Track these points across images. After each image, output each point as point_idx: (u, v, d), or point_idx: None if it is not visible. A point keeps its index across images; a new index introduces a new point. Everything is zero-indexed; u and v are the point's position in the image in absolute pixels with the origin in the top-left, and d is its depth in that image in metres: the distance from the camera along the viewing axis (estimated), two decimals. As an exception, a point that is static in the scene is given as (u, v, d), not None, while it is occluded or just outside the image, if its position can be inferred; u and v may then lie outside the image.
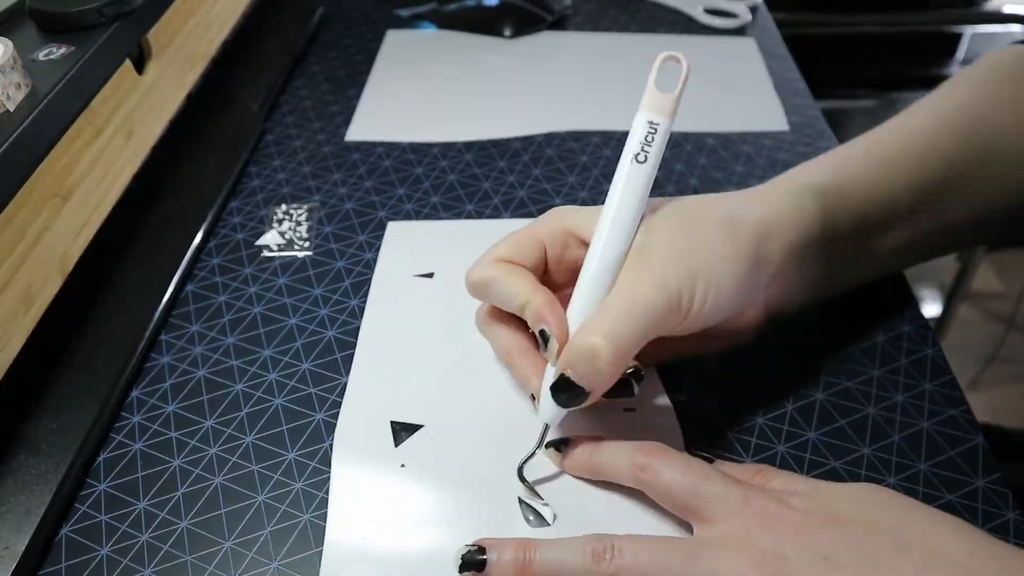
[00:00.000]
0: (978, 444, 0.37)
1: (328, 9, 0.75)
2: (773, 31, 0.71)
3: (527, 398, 0.38)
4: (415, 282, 0.46)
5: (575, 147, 0.56)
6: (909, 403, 0.39)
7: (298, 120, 0.61)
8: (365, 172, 0.55)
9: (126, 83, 0.46)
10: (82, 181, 0.42)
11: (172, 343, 0.43)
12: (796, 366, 0.40)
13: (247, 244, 0.50)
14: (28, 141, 0.37)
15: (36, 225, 0.38)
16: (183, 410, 0.40)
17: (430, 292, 0.45)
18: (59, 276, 0.40)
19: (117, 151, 0.45)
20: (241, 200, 0.53)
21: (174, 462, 0.38)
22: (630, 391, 0.34)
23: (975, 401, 0.39)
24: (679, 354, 0.39)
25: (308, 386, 0.41)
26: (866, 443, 0.37)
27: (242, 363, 0.42)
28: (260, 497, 0.36)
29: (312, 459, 0.37)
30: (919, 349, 0.41)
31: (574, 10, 0.74)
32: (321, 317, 0.44)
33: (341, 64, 0.68)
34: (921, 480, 0.35)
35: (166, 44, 0.51)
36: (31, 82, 0.39)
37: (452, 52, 0.69)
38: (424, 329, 0.43)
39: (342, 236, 0.50)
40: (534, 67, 0.66)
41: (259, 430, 0.39)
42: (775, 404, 0.39)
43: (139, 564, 0.34)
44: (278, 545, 0.34)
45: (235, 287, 0.47)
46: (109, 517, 0.35)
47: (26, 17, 0.44)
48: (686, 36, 0.70)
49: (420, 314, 0.44)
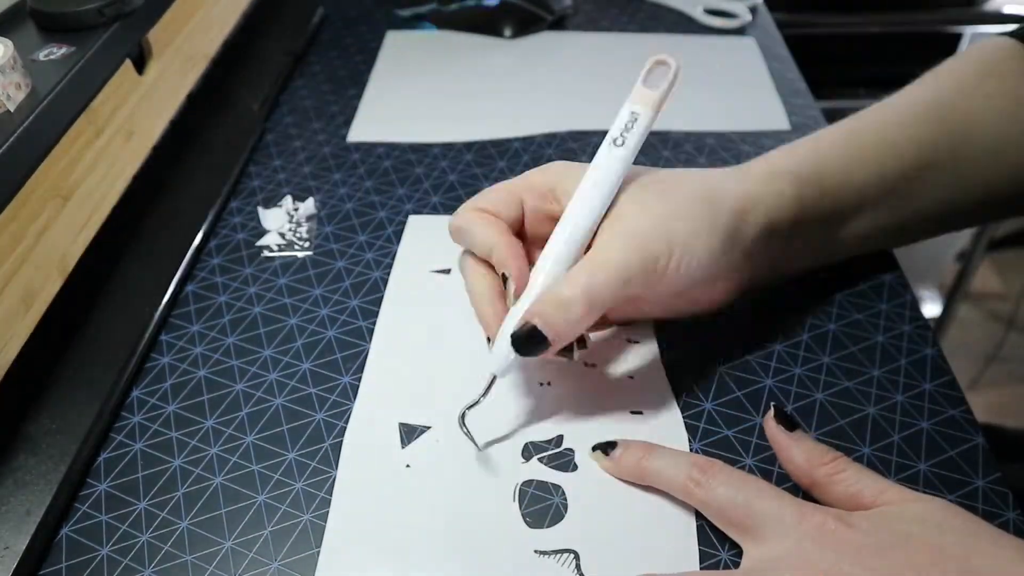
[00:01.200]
0: (978, 444, 0.37)
1: (328, 9, 0.75)
2: (773, 31, 0.71)
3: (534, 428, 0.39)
4: (432, 278, 0.46)
5: (575, 147, 0.56)
6: (909, 403, 0.39)
7: (298, 120, 0.61)
8: (365, 172, 0.55)
9: (126, 83, 0.46)
10: (82, 181, 0.42)
11: (172, 343, 0.43)
12: (796, 366, 0.40)
13: (247, 244, 0.50)
14: (28, 141, 0.37)
15: (36, 225, 0.38)
16: (183, 410, 0.40)
17: (446, 289, 0.45)
18: (59, 276, 0.40)
19: (117, 151, 0.45)
20: (241, 200, 0.53)
21: (174, 462, 0.38)
22: (571, 352, 0.36)
23: (975, 401, 0.39)
24: (646, 315, 0.41)
25: (308, 386, 0.41)
26: (866, 443, 0.37)
27: (242, 363, 0.42)
28: (260, 497, 0.36)
29: (312, 459, 0.37)
30: (919, 349, 0.41)
31: (574, 10, 0.74)
32: (321, 317, 0.44)
33: (341, 64, 0.68)
34: (921, 480, 0.35)
35: (166, 44, 0.51)
36: (31, 82, 0.39)
37: (452, 52, 0.69)
38: (437, 328, 0.43)
39: (342, 236, 0.50)
40: (534, 67, 0.66)
41: (259, 430, 0.39)
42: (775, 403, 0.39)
43: (139, 564, 0.34)
44: (278, 545, 0.34)
45: (235, 287, 0.47)
46: (109, 517, 0.35)
47: (26, 17, 0.45)
48: (686, 36, 0.70)
49: (435, 313, 0.44)
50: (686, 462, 0.33)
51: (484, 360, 0.36)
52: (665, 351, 0.41)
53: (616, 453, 0.35)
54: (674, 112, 0.61)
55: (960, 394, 0.39)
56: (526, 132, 0.58)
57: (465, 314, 0.43)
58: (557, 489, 0.35)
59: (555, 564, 0.33)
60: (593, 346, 0.41)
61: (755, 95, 0.62)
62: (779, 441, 0.34)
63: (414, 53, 0.69)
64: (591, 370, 0.40)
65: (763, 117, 0.59)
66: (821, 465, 0.32)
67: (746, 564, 0.31)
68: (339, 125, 0.60)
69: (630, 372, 0.40)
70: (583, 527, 0.34)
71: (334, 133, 0.59)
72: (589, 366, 0.40)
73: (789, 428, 0.34)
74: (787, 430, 0.34)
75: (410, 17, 0.74)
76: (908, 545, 0.28)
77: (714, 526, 0.33)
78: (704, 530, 0.34)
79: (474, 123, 0.59)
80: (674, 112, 0.61)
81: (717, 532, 0.33)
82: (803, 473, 0.33)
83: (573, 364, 0.39)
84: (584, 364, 0.40)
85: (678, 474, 0.33)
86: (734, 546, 0.33)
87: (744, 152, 0.55)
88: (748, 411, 0.38)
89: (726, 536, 0.33)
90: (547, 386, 0.39)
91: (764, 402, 0.39)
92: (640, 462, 0.34)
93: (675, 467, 0.33)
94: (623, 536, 0.33)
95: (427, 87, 0.64)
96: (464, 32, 0.71)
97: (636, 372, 0.40)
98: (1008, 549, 0.28)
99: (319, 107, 0.62)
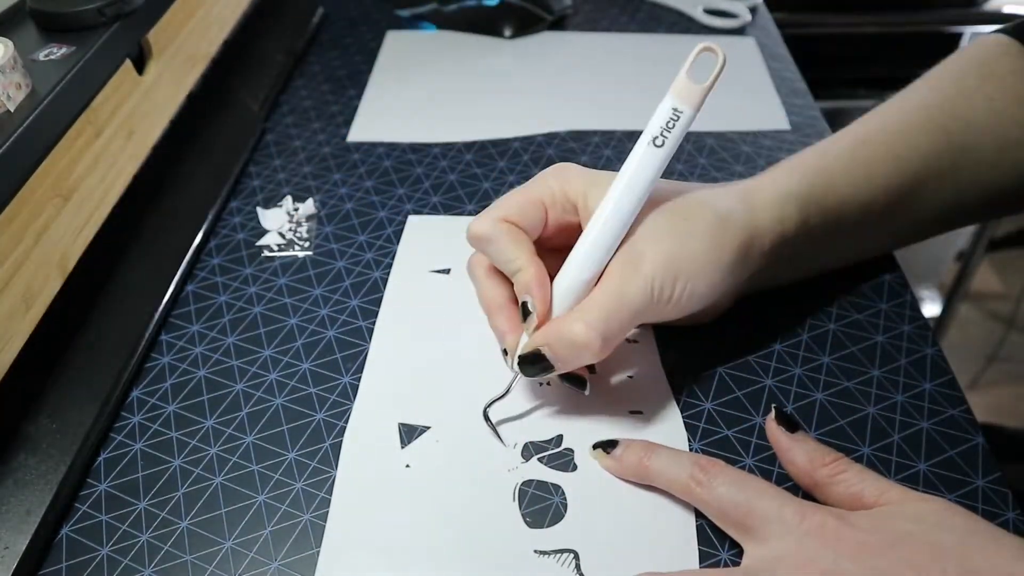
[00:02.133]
0: (978, 444, 0.37)
1: (328, 9, 0.75)
2: (773, 31, 0.71)
3: None
4: (431, 278, 0.46)
5: (575, 147, 0.56)
6: (909, 403, 0.39)
7: (298, 120, 0.61)
8: (365, 172, 0.55)
9: (126, 83, 0.46)
10: (82, 181, 0.42)
11: (172, 343, 0.43)
12: (796, 366, 0.40)
13: (247, 244, 0.50)
14: (28, 141, 0.37)
15: (36, 225, 0.38)
16: (183, 410, 0.40)
17: (445, 289, 0.45)
18: (59, 276, 0.40)
19: (117, 151, 0.45)
20: (241, 200, 0.53)
21: (174, 462, 0.38)
22: (583, 385, 0.37)
23: (975, 401, 0.39)
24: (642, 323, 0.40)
25: (308, 386, 0.41)
26: (866, 443, 0.37)
27: (242, 363, 0.42)
28: (260, 497, 0.36)
29: (312, 459, 0.37)
30: (919, 349, 0.41)
31: (574, 10, 0.74)
32: (321, 317, 0.44)
33: (341, 64, 0.68)
34: (921, 480, 0.35)
35: (166, 44, 0.51)
36: (31, 82, 0.39)
37: (452, 52, 0.69)
38: (437, 329, 0.43)
39: (342, 236, 0.50)
40: (534, 67, 0.66)
41: (259, 430, 0.39)
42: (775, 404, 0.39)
43: (139, 564, 0.34)
44: (278, 545, 0.34)
45: (235, 287, 0.47)
46: (109, 517, 0.35)
47: (26, 17, 0.45)
48: (686, 36, 0.70)
49: (434, 313, 0.44)
50: (688, 461, 0.33)
51: (499, 361, 0.37)
52: (665, 351, 0.41)
53: (617, 452, 0.35)
54: (674, 112, 0.61)
55: (960, 394, 0.39)
56: (526, 132, 0.58)
57: (465, 314, 0.43)
58: (557, 489, 0.35)
59: (555, 564, 0.33)
60: None
61: (755, 95, 0.62)
62: (780, 442, 0.34)
63: (414, 53, 0.69)
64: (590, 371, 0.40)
65: (763, 117, 0.59)
66: (823, 466, 0.32)
67: (747, 563, 0.31)
68: (339, 125, 0.60)
69: (630, 372, 0.40)
70: (583, 527, 0.34)
71: (334, 133, 0.59)
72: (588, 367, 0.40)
73: (790, 429, 0.34)
74: (788, 431, 0.34)
75: (410, 17, 0.74)
76: (908, 543, 0.28)
77: (714, 525, 0.33)
78: (704, 530, 0.34)
79: (474, 123, 0.59)
80: (674, 112, 0.61)
81: (717, 532, 0.33)
82: (804, 474, 0.33)
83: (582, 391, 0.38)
84: None
85: (680, 473, 0.33)
86: (734, 545, 0.33)
87: (744, 152, 0.55)
88: (748, 411, 0.38)
89: (726, 536, 0.33)
90: (547, 386, 0.39)
91: (764, 402, 0.39)
92: (642, 461, 0.34)
93: (677, 466, 0.34)
94: (623, 536, 0.33)
95: (427, 87, 0.64)
96: (464, 32, 0.71)
97: (636, 372, 0.40)
98: (1008, 548, 0.28)
99: (319, 107, 0.62)
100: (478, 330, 0.41)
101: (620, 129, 0.58)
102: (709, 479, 0.32)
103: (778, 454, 0.35)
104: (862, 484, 0.31)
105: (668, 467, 0.34)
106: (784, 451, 0.34)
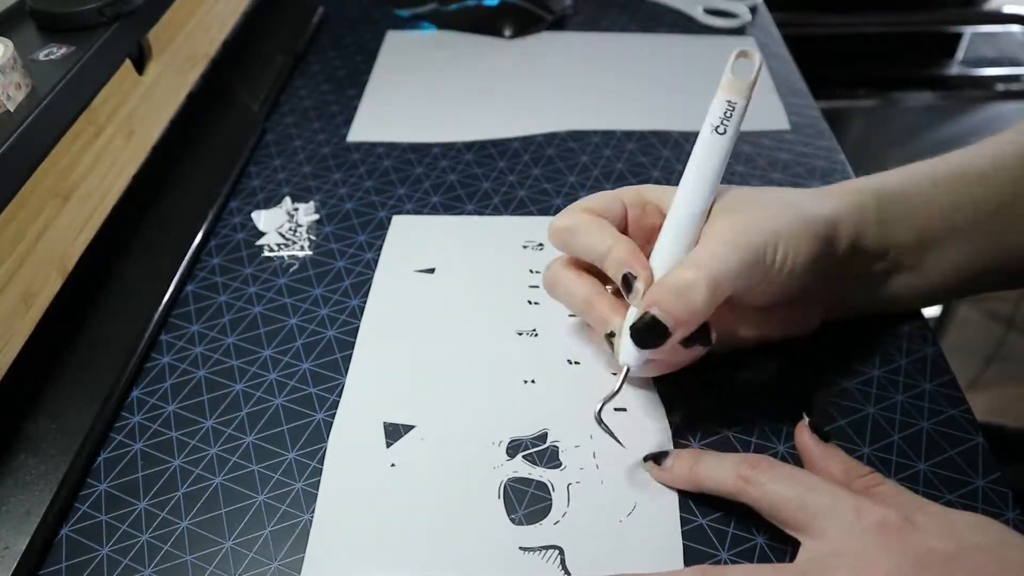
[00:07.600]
0: (978, 444, 0.37)
1: (328, 9, 0.75)
2: (773, 31, 0.71)
3: (520, 418, 0.39)
4: (416, 277, 0.46)
5: (575, 147, 0.56)
6: (909, 403, 0.39)
7: (298, 120, 0.61)
8: (365, 172, 0.55)
9: (126, 83, 0.46)
10: (82, 181, 0.42)
11: (172, 343, 0.43)
12: (795, 366, 0.40)
13: (247, 244, 0.50)
14: (28, 141, 0.37)
15: (36, 225, 0.38)
16: (183, 410, 0.40)
17: (430, 289, 0.45)
18: (59, 276, 0.40)
19: (117, 151, 0.45)
20: (241, 200, 0.53)
21: (174, 462, 0.38)
22: (708, 340, 0.35)
23: (975, 401, 0.38)
24: (739, 340, 0.39)
25: (308, 386, 0.41)
26: (866, 443, 0.37)
27: (242, 363, 0.42)
28: (260, 497, 0.36)
29: (312, 459, 0.37)
30: (919, 349, 0.41)
31: (574, 10, 0.74)
32: (321, 317, 0.44)
33: (341, 64, 0.68)
34: (921, 480, 0.35)
35: (166, 44, 0.51)
36: (31, 82, 0.39)
37: (452, 52, 0.69)
38: (421, 328, 0.43)
39: (342, 236, 0.50)
40: (534, 67, 0.66)
41: (259, 430, 0.39)
42: (775, 403, 0.39)
43: (139, 564, 0.34)
44: (278, 545, 0.34)
45: (235, 287, 0.47)
46: (109, 517, 0.35)
47: (26, 17, 0.44)
48: (686, 36, 0.70)
49: (419, 312, 0.44)
50: (733, 461, 0.33)
51: (483, 359, 0.36)
52: None
53: (668, 463, 0.35)
54: (674, 112, 0.61)
55: (960, 394, 0.39)
56: (526, 132, 0.58)
57: (449, 313, 0.43)
58: (542, 486, 0.35)
59: (540, 560, 0.33)
60: (576, 343, 0.41)
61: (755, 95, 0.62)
62: (813, 451, 0.34)
63: (414, 53, 0.69)
64: (574, 367, 0.40)
65: (763, 117, 0.59)
66: (859, 477, 0.32)
67: (803, 557, 0.31)
68: (339, 125, 0.60)
69: (613, 368, 0.40)
70: (567, 523, 0.34)
71: (334, 133, 0.59)
72: (573, 363, 0.41)
73: (822, 439, 0.34)
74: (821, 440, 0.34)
75: (410, 17, 0.74)
76: (974, 556, 0.28)
77: (714, 526, 0.33)
78: (704, 530, 0.34)
79: (474, 123, 0.59)
80: (674, 112, 0.61)
81: (717, 532, 0.33)
82: (840, 484, 0.32)
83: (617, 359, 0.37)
84: (568, 361, 0.41)
85: (728, 475, 0.33)
86: (735, 545, 0.33)
87: (744, 152, 0.55)
88: (748, 410, 0.38)
89: (726, 536, 0.33)
90: (531, 383, 0.40)
91: (762, 401, 0.39)
92: (692, 469, 0.34)
93: (724, 468, 0.33)
94: (608, 532, 0.34)
95: (427, 87, 0.64)
96: (464, 32, 0.71)
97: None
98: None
99: (319, 107, 0.62)
100: (462, 329, 0.41)
101: (620, 129, 0.58)
102: (758, 475, 0.32)
103: (809, 462, 0.34)
104: (900, 498, 0.31)
105: (715, 470, 0.33)
106: (817, 459, 0.33)
